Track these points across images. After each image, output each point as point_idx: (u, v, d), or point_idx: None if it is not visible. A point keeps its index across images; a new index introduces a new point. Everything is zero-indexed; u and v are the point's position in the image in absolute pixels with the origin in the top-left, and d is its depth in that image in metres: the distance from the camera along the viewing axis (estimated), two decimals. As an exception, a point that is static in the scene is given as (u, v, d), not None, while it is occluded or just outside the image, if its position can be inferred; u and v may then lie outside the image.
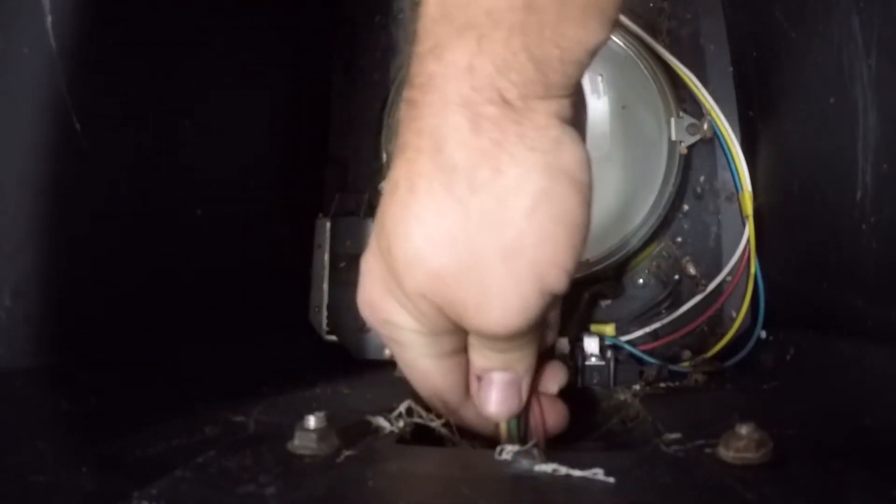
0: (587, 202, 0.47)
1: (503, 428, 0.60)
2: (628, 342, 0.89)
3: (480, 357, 0.56)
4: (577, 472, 0.46)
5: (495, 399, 0.57)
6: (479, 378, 0.58)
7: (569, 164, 0.46)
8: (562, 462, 0.47)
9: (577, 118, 0.49)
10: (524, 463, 0.48)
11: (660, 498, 0.43)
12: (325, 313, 0.93)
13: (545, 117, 0.45)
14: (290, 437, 0.52)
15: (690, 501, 0.43)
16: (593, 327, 0.91)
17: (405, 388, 0.74)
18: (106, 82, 0.61)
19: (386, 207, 0.48)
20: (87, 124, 0.57)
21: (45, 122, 0.54)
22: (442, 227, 0.45)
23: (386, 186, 0.49)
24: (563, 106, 0.47)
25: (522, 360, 0.57)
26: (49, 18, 0.53)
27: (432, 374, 0.57)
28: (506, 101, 0.44)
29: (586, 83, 0.97)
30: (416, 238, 0.46)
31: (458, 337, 0.55)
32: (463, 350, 0.57)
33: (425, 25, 0.46)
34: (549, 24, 0.43)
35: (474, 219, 0.45)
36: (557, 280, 0.47)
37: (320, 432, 0.52)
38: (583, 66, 0.47)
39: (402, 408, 0.60)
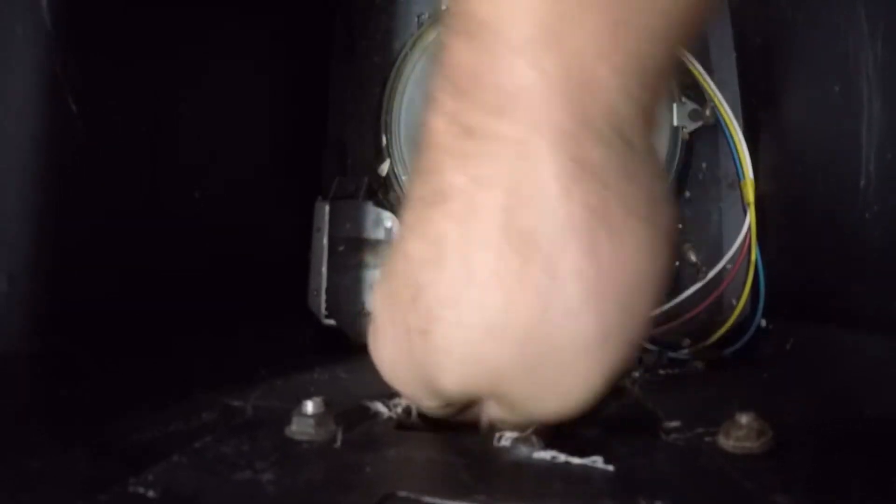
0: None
1: None
2: (628, 329, 0.89)
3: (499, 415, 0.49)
4: (576, 460, 0.46)
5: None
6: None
7: (668, 229, 0.37)
8: (561, 449, 0.47)
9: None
10: (523, 450, 0.48)
11: (660, 486, 0.43)
12: (323, 297, 0.92)
13: (647, 150, 0.36)
14: (288, 422, 0.52)
15: (690, 490, 0.43)
16: (593, 313, 0.90)
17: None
18: (103, 64, 0.60)
19: (421, 270, 0.38)
20: (83, 106, 0.56)
21: (41, 105, 0.53)
22: (515, 319, 0.36)
23: (411, 236, 0.39)
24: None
25: None
26: (44, -3, 0.53)
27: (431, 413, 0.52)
28: (622, 135, 0.34)
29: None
30: (474, 330, 0.37)
31: None
32: None
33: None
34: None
35: (557, 307, 0.35)
36: (630, 359, 0.40)
37: (318, 418, 0.51)
38: None
39: (400, 394, 0.60)
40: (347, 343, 0.92)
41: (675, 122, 0.92)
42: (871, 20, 0.64)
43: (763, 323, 0.85)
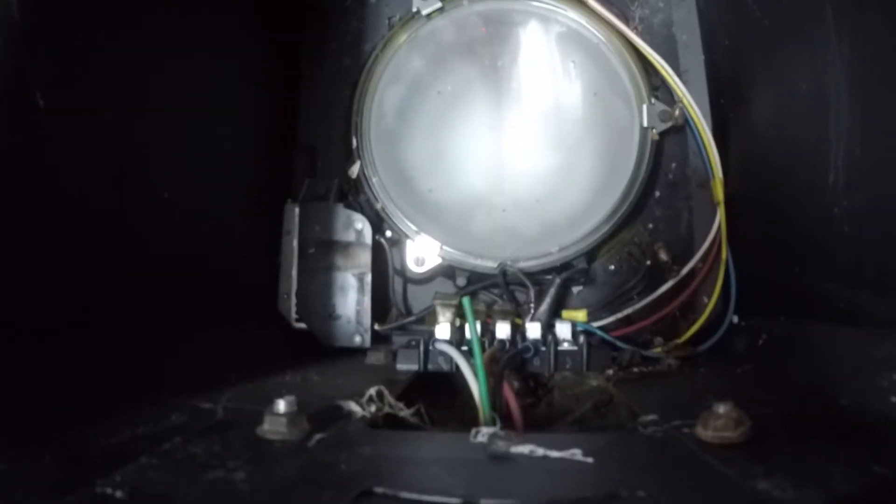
0: None
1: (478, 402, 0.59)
2: (601, 328, 0.89)
3: None
4: (554, 453, 0.45)
5: None
6: None
7: None
8: (539, 444, 0.46)
9: None
10: (500, 444, 0.47)
11: (640, 476, 0.43)
12: (293, 300, 0.91)
13: None
14: (260, 422, 0.51)
15: (671, 479, 0.43)
16: (565, 314, 0.90)
17: (376, 376, 0.73)
18: (72, 60, 0.58)
19: None
20: (50, 101, 0.54)
21: (5, 99, 0.52)
22: None
23: None
24: None
25: None
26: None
27: None
28: None
29: (558, 69, 0.97)
30: None
31: None
32: None
33: None
34: None
35: None
36: None
37: (290, 416, 0.50)
38: None
39: (373, 391, 0.59)
40: (318, 346, 0.91)
41: (645, 123, 0.93)
42: (838, 19, 0.64)
43: (735, 319, 0.85)
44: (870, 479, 0.41)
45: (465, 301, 0.73)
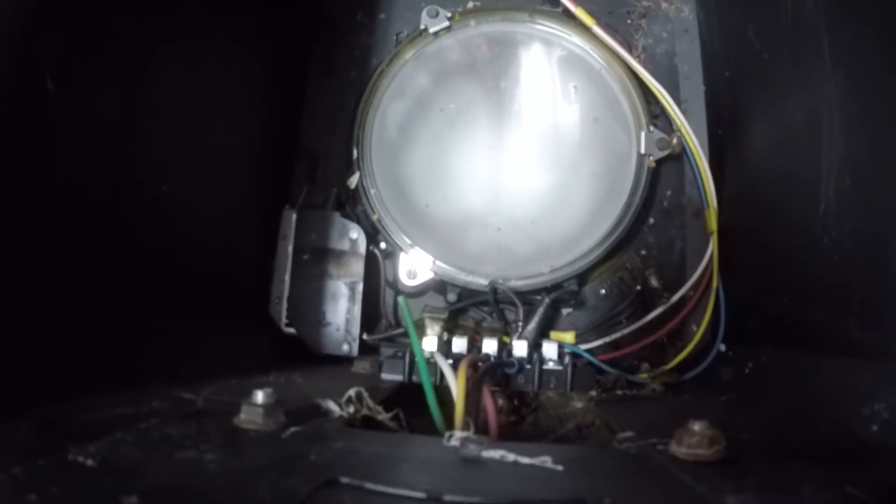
0: None
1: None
2: (588, 351, 0.89)
3: None
4: (525, 459, 0.46)
5: None
6: None
7: None
8: (510, 450, 0.47)
9: None
10: (472, 448, 0.48)
11: (607, 485, 0.43)
12: (285, 305, 0.91)
13: None
14: (238, 413, 0.51)
15: (638, 490, 0.43)
16: (553, 334, 0.90)
17: (360, 383, 0.73)
18: (84, 46, 0.59)
19: None
20: (60, 85, 0.55)
21: (16, 76, 0.52)
22: None
23: None
24: None
25: None
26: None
27: None
28: None
29: (560, 93, 0.98)
30: None
31: None
32: None
33: None
34: None
35: None
36: None
37: (267, 408, 0.50)
38: None
39: (352, 392, 0.59)
40: (307, 353, 0.91)
41: (643, 150, 0.94)
42: (835, 53, 0.65)
43: (723, 348, 0.85)
44: (840, 498, 0.41)
45: (401, 300, 0.73)
